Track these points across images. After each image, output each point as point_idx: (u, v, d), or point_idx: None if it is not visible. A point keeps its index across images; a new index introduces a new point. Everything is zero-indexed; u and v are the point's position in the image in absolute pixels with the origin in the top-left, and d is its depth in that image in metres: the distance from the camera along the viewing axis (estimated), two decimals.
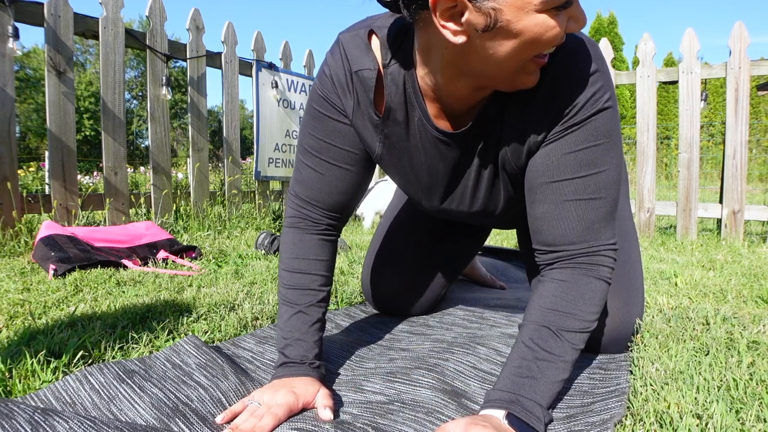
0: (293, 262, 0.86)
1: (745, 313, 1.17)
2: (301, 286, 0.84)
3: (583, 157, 0.73)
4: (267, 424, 0.64)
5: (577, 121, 0.72)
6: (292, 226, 0.88)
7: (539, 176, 0.76)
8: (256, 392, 0.72)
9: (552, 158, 0.75)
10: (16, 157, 2.15)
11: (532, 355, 0.70)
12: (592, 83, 0.71)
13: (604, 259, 0.75)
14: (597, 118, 0.72)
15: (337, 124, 0.84)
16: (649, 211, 2.99)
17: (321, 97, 0.84)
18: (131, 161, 14.60)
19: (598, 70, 0.71)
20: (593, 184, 0.74)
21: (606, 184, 0.75)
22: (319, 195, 0.87)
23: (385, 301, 1.24)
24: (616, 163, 0.75)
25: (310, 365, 0.78)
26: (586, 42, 0.72)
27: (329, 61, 0.82)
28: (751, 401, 0.68)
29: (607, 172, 0.74)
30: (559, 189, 0.75)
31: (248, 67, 3.27)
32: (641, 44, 2.99)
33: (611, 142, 0.74)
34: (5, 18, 2.08)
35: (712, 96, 11.46)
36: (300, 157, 0.88)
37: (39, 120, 19.58)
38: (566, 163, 0.74)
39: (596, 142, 0.73)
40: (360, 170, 0.87)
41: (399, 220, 1.24)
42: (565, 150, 0.74)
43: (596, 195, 0.74)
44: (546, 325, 0.71)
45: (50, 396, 0.70)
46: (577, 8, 0.61)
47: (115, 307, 1.18)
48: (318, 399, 0.72)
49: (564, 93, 0.71)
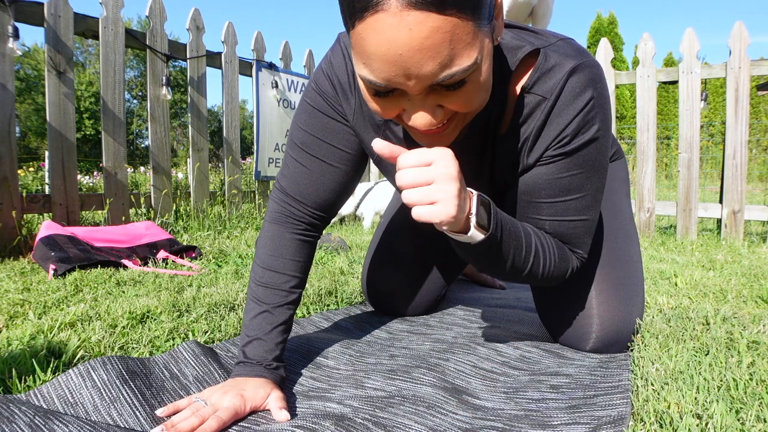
0: (268, 259, 0.85)
1: (745, 313, 1.17)
2: (272, 285, 0.83)
3: (568, 182, 0.77)
4: (210, 427, 0.63)
5: (568, 150, 0.74)
6: (273, 221, 0.87)
7: (524, 194, 0.81)
8: (207, 390, 0.71)
9: (539, 181, 0.78)
10: (16, 157, 2.15)
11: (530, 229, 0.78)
12: (585, 113, 0.72)
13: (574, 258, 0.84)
14: (587, 149, 0.75)
15: (331, 121, 0.83)
16: (649, 211, 2.99)
17: (317, 94, 0.83)
18: (131, 161, 14.60)
19: (592, 97, 0.71)
20: (574, 207, 0.79)
21: (585, 206, 0.79)
22: (305, 190, 0.86)
23: (385, 301, 1.24)
24: (596, 188, 0.79)
25: (266, 367, 0.77)
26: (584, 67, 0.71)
27: (331, 60, 0.81)
28: (751, 401, 0.68)
29: (587, 197, 0.79)
30: (544, 207, 0.80)
31: (248, 67, 3.27)
32: (641, 44, 2.99)
33: (594, 170, 0.77)
34: (5, 18, 2.08)
35: (712, 96, 11.46)
36: (289, 151, 0.87)
37: (39, 120, 19.57)
38: (553, 186, 0.77)
39: (581, 170, 0.76)
40: (349, 170, 0.87)
41: (398, 220, 1.24)
42: (552, 175, 0.77)
43: (576, 216, 0.80)
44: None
45: (53, 393, 0.69)
46: (411, 105, 0.59)
47: (115, 307, 1.18)
48: (270, 401, 0.72)
49: (557, 120, 0.72)
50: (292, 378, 0.86)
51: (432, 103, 0.59)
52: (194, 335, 1.03)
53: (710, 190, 6.14)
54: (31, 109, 19.91)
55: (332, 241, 2.26)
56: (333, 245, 2.22)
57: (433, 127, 0.61)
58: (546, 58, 0.71)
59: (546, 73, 0.71)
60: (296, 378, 0.86)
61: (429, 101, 0.58)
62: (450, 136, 0.65)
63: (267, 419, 0.69)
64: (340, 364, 0.92)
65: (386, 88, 0.57)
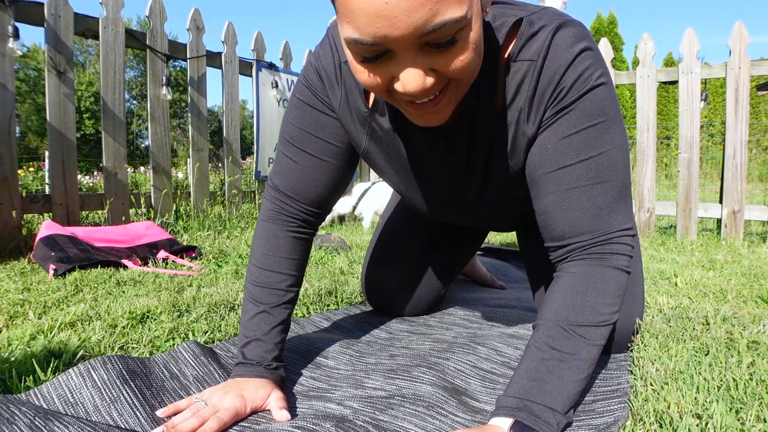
0: (264, 258, 0.84)
1: (745, 313, 1.17)
2: (269, 284, 0.83)
3: (579, 140, 0.68)
4: (211, 428, 0.63)
5: (567, 104, 0.67)
6: (267, 219, 0.86)
7: (538, 168, 0.72)
8: (207, 390, 0.71)
9: (547, 147, 0.70)
10: (16, 157, 2.15)
11: (540, 356, 0.65)
12: (579, 62, 0.66)
13: (620, 247, 0.69)
14: (588, 97, 0.67)
15: (320, 115, 0.82)
16: (649, 211, 2.99)
17: (306, 88, 0.83)
18: (131, 161, 14.60)
19: (586, 48, 0.66)
20: (595, 168, 0.68)
21: (609, 165, 0.69)
22: (298, 187, 0.85)
23: (385, 301, 1.24)
24: (619, 143, 0.69)
25: (266, 367, 0.77)
26: (569, 23, 0.67)
27: (318, 53, 0.81)
28: (751, 401, 0.68)
29: (609, 153, 0.69)
30: (560, 178, 0.70)
31: (248, 67, 3.27)
32: (641, 44, 2.99)
33: (609, 120, 0.68)
34: (5, 18, 2.08)
35: (712, 96, 11.45)
36: (281, 148, 0.87)
37: (39, 120, 19.58)
38: (562, 150, 0.69)
39: (591, 122, 0.68)
40: (341, 164, 0.86)
41: (397, 219, 1.24)
42: (559, 136, 0.69)
43: (600, 179, 0.69)
44: (556, 322, 0.67)
45: (53, 393, 0.69)
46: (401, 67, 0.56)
47: (115, 307, 1.18)
48: (271, 402, 0.72)
49: (550, 77, 0.67)
50: (292, 378, 0.86)
51: (423, 64, 0.55)
52: (194, 335, 1.03)
53: (710, 190, 6.14)
54: (31, 109, 19.92)
55: (332, 241, 2.26)
56: (333, 245, 2.22)
57: (426, 95, 0.58)
58: (530, 24, 0.68)
59: (530, 38, 0.67)
60: (296, 378, 0.86)
61: (420, 61, 0.55)
62: (444, 110, 0.62)
63: (267, 419, 0.69)
64: (340, 364, 0.92)
65: (374, 49, 0.54)
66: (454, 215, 0.97)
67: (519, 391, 0.62)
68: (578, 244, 0.71)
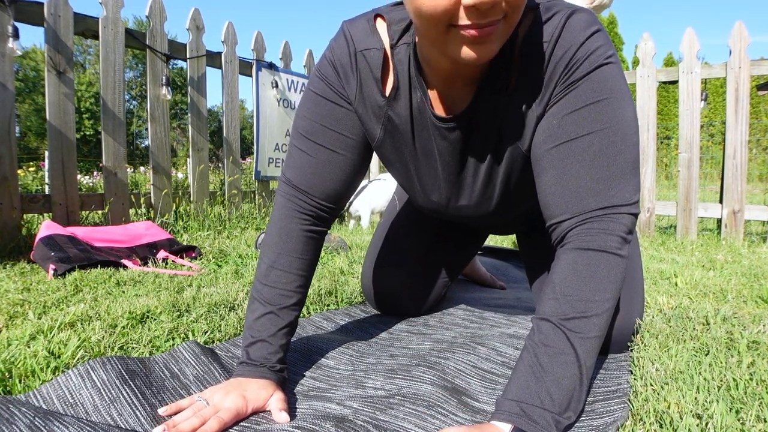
0: (275, 257, 0.83)
1: (745, 313, 1.17)
2: (278, 285, 0.82)
3: (584, 114, 0.68)
4: (211, 428, 0.63)
5: (576, 78, 0.68)
6: (281, 217, 0.85)
7: (542, 144, 0.72)
8: (209, 389, 0.71)
9: (553, 122, 0.70)
10: (16, 157, 2.15)
11: (534, 353, 0.64)
12: (591, 41, 0.68)
13: (615, 226, 0.67)
14: (597, 73, 0.67)
15: (336, 107, 0.82)
16: (649, 210, 2.99)
17: (320, 80, 0.83)
18: (131, 161, 14.60)
19: (598, 30, 0.68)
20: (597, 143, 0.67)
21: (613, 141, 0.67)
22: (312, 180, 0.84)
23: (386, 301, 1.24)
24: (626, 120, 0.68)
25: (270, 368, 0.76)
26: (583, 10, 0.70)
27: (332, 45, 0.82)
28: (751, 401, 0.68)
29: (614, 129, 0.67)
30: (562, 152, 0.69)
31: (248, 67, 3.27)
32: (641, 44, 2.99)
33: (615, 98, 0.68)
34: (5, 18, 2.08)
35: (712, 96, 11.46)
36: (294, 143, 0.86)
37: (39, 120, 19.58)
38: (566, 125, 0.69)
39: (599, 98, 0.67)
40: (355, 157, 0.85)
41: (400, 219, 1.24)
42: (565, 111, 0.69)
43: (602, 154, 0.67)
44: (546, 317, 0.65)
45: (52, 394, 0.69)
46: None
47: (115, 307, 1.18)
48: (271, 403, 0.71)
49: (561, 54, 0.68)
50: (292, 378, 0.85)
51: None
52: (194, 335, 1.03)
53: (710, 190, 6.14)
54: (31, 109, 19.91)
55: (332, 241, 2.26)
56: (333, 245, 2.22)
57: (494, 13, 0.57)
58: (546, 9, 0.70)
59: (545, 21, 0.70)
60: (296, 378, 0.86)
61: None
62: (495, 44, 0.61)
63: (267, 419, 0.69)
64: (340, 364, 0.92)
65: None
66: (460, 209, 0.96)
67: (516, 394, 0.62)
68: (574, 221, 0.69)
